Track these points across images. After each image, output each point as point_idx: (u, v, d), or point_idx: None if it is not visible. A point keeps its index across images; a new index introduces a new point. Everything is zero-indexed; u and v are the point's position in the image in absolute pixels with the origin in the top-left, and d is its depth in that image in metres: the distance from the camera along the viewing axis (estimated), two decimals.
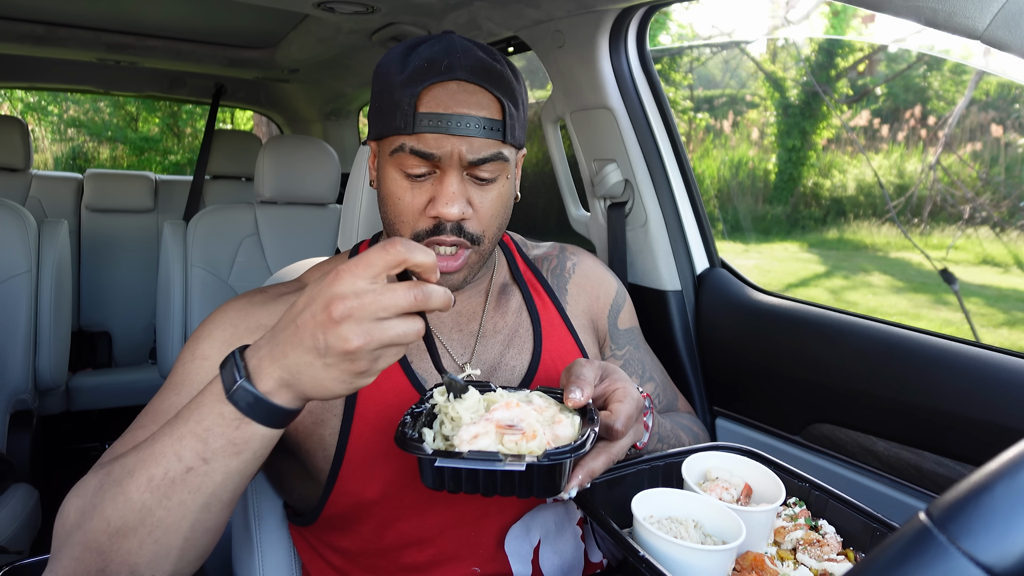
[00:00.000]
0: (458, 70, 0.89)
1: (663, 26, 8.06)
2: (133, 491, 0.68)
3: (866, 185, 7.47)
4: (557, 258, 1.19)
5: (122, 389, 2.99)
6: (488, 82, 0.90)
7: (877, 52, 7.74)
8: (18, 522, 1.70)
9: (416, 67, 0.89)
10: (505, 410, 0.76)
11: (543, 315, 1.09)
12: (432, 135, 0.87)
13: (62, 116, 9.00)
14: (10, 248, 2.03)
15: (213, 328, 0.91)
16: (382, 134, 0.92)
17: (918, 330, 1.23)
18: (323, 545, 1.00)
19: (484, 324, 1.05)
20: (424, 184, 0.91)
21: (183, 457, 0.67)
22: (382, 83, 0.92)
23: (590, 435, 0.72)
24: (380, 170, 0.96)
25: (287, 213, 2.39)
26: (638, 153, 1.62)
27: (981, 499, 0.37)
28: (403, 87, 0.88)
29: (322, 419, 0.94)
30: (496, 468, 0.68)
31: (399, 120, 0.88)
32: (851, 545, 0.84)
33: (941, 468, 1.15)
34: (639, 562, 0.70)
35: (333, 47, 2.44)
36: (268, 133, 6.31)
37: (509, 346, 1.05)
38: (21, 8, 2.31)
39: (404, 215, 0.91)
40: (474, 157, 0.88)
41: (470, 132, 0.88)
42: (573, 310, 1.14)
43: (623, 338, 1.19)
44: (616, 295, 1.20)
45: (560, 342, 1.08)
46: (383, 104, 0.91)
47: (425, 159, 0.88)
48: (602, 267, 1.22)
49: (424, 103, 0.88)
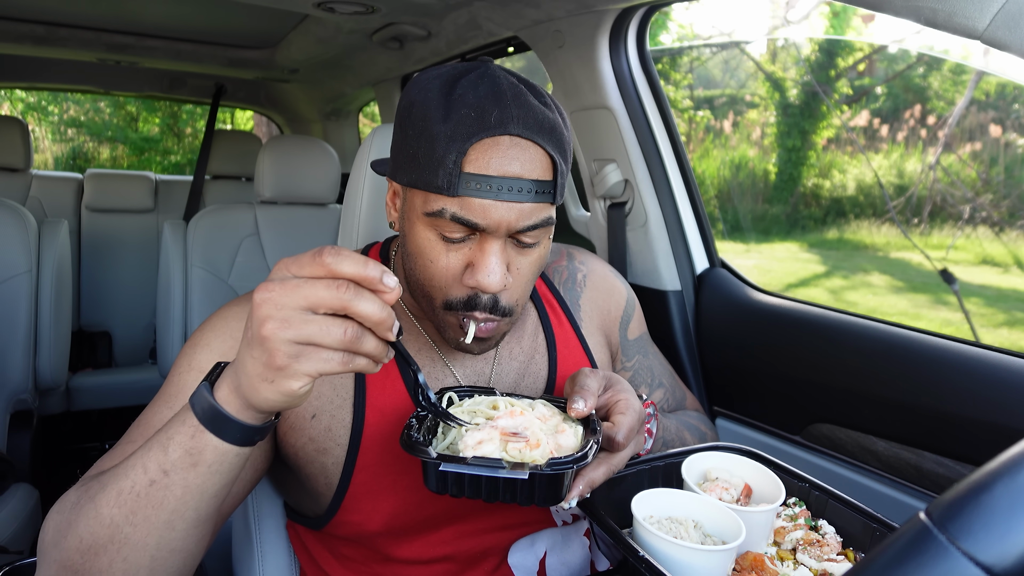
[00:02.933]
0: (511, 124, 0.78)
1: (663, 26, 8.06)
2: (104, 506, 0.67)
3: (866, 185, 7.47)
4: (567, 269, 1.13)
5: (122, 389, 2.99)
6: (542, 137, 0.80)
7: (877, 52, 7.74)
8: (18, 522, 1.70)
9: (463, 116, 0.78)
10: (509, 418, 0.76)
11: (558, 335, 1.05)
12: (478, 200, 0.77)
13: (62, 116, 8.99)
14: (10, 248, 2.03)
15: (212, 337, 0.87)
16: (417, 186, 0.81)
17: (918, 330, 1.23)
18: (322, 548, 0.99)
19: (500, 351, 1.00)
20: (462, 249, 0.82)
21: (148, 468, 0.65)
22: (419, 127, 0.80)
23: (592, 446, 0.73)
24: (408, 219, 0.85)
25: (287, 213, 2.39)
26: (638, 153, 1.62)
27: (981, 499, 0.37)
28: (448, 141, 0.77)
29: (325, 448, 0.90)
30: (499, 475, 0.68)
31: (442, 180, 0.78)
32: (851, 545, 0.84)
33: (941, 468, 1.15)
34: (639, 562, 0.70)
35: (333, 47, 2.44)
36: (268, 133, 6.31)
37: (525, 374, 1.00)
38: (21, 8, 2.31)
39: (437, 280, 0.83)
40: (522, 225, 0.80)
41: (520, 199, 0.79)
42: (588, 327, 1.10)
43: (632, 348, 1.17)
44: (627, 305, 1.17)
45: (575, 365, 1.04)
46: (420, 153, 0.80)
47: (467, 226, 0.79)
48: (611, 274, 1.18)
49: (471, 162, 0.77)
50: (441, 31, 1.91)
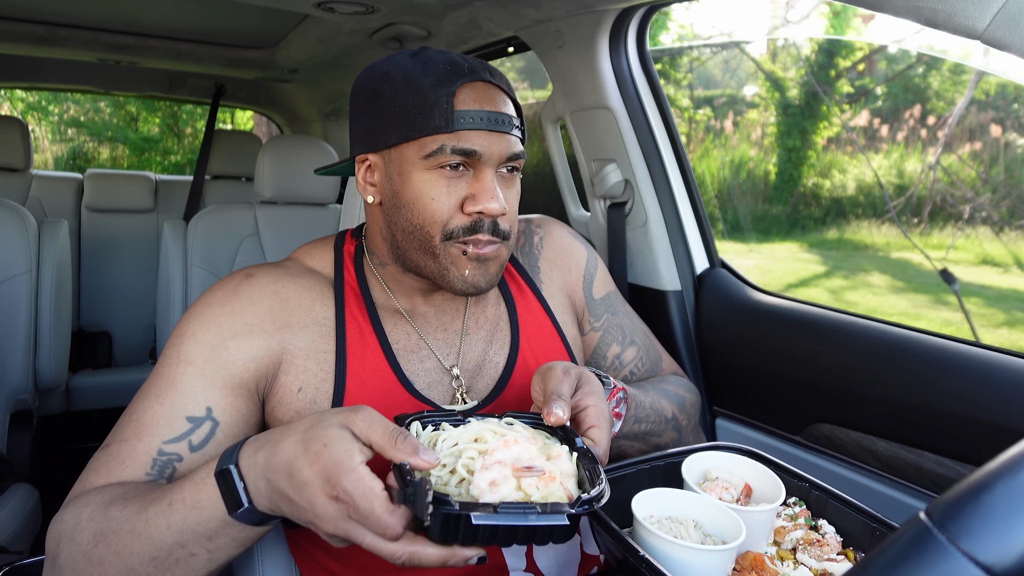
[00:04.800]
0: (481, 72, 0.90)
1: (663, 26, 8.06)
2: (137, 566, 0.73)
3: (866, 185, 7.46)
4: (524, 234, 1.18)
5: (122, 389, 2.99)
6: (503, 83, 0.93)
7: (877, 52, 7.74)
8: (18, 522, 1.70)
9: (440, 69, 0.89)
10: (505, 449, 0.72)
11: (519, 302, 1.09)
12: (473, 132, 0.88)
13: (62, 116, 8.99)
14: (10, 248, 2.03)
15: (198, 327, 0.89)
16: (410, 137, 0.89)
17: (918, 330, 1.23)
18: (315, 547, 0.99)
19: (467, 321, 1.05)
20: (459, 182, 0.90)
21: (186, 545, 0.72)
22: (401, 87, 0.89)
23: (602, 479, 0.71)
24: (399, 175, 0.92)
25: (287, 213, 2.39)
26: (638, 153, 1.62)
27: (981, 499, 0.37)
28: (435, 87, 0.87)
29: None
30: (539, 523, 0.64)
31: (438, 119, 0.87)
32: (851, 545, 0.84)
33: (941, 468, 1.15)
34: (639, 562, 0.70)
35: (333, 47, 2.44)
36: (268, 133, 6.31)
37: (492, 342, 1.05)
38: (21, 8, 2.31)
39: (439, 214, 0.90)
40: (511, 152, 0.91)
41: (505, 129, 0.90)
42: (549, 288, 1.13)
43: (599, 307, 1.19)
44: (587, 263, 1.19)
45: (538, 329, 1.08)
46: (410, 105, 0.88)
47: (468, 156, 0.88)
48: (569, 235, 1.21)
49: (459, 101, 0.88)
50: (441, 31, 1.91)
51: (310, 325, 0.95)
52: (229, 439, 0.86)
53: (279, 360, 0.92)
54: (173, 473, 0.83)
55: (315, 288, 0.98)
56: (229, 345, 0.88)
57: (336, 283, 1.00)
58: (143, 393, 0.87)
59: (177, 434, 0.84)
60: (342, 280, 1.01)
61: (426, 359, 1.00)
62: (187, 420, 0.84)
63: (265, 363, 0.90)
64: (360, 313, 0.98)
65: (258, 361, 0.90)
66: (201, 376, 0.86)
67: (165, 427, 0.84)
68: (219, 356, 0.88)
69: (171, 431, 0.84)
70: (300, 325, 0.94)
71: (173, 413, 0.84)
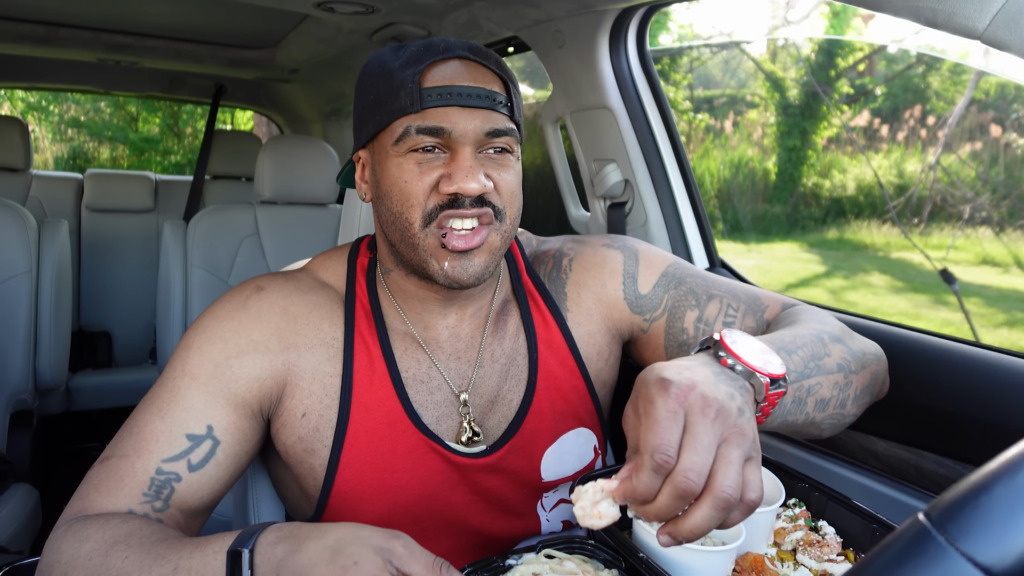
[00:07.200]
0: (457, 49, 0.86)
1: (663, 26, 8.06)
2: None
3: (866, 185, 7.46)
4: (553, 257, 1.08)
5: (122, 389, 2.99)
6: (488, 60, 0.88)
7: (877, 52, 7.74)
8: (18, 522, 1.70)
9: (413, 50, 0.86)
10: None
11: (541, 335, 1.01)
12: (440, 109, 0.83)
13: (62, 116, 8.99)
14: (10, 248, 2.03)
15: (203, 341, 0.87)
16: (382, 124, 0.86)
17: (918, 330, 1.22)
18: None
19: (483, 352, 0.99)
20: (434, 164, 0.85)
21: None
22: (375, 74, 0.87)
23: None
24: (380, 168, 0.88)
25: (287, 213, 2.39)
26: (638, 153, 1.62)
27: (980, 500, 0.37)
28: (403, 68, 0.84)
29: (312, 448, 0.90)
30: None
31: (404, 99, 0.83)
32: (851, 546, 0.84)
33: (941, 468, 1.15)
34: (639, 563, 0.70)
35: (333, 47, 2.44)
36: (268, 133, 6.31)
37: (507, 377, 0.99)
38: (21, 8, 2.31)
39: (414, 196, 0.84)
40: (486, 129, 0.84)
41: (480, 104, 0.84)
42: (576, 316, 1.03)
43: (655, 295, 1.04)
44: (624, 266, 1.05)
45: (558, 365, 1.01)
46: (380, 91, 0.86)
47: (436, 135, 0.83)
48: (602, 247, 1.08)
49: (427, 79, 0.84)
50: (441, 31, 1.91)
51: (317, 346, 0.91)
52: (230, 458, 0.84)
53: (283, 382, 0.89)
54: (171, 495, 0.80)
55: (325, 305, 0.94)
56: (233, 363, 0.86)
57: (347, 300, 0.96)
58: (146, 404, 0.85)
59: (176, 452, 0.81)
60: (353, 296, 0.96)
61: (436, 390, 0.94)
62: (187, 438, 0.82)
63: (268, 384, 0.88)
64: (370, 335, 0.94)
65: (261, 381, 0.87)
66: (204, 393, 0.84)
67: (165, 444, 0.82)
68: (223, 373, 0.86)
69: (170, 449, 0.81)
70: (307, 346, 0.91)
71: (173, 430, 0.82)
